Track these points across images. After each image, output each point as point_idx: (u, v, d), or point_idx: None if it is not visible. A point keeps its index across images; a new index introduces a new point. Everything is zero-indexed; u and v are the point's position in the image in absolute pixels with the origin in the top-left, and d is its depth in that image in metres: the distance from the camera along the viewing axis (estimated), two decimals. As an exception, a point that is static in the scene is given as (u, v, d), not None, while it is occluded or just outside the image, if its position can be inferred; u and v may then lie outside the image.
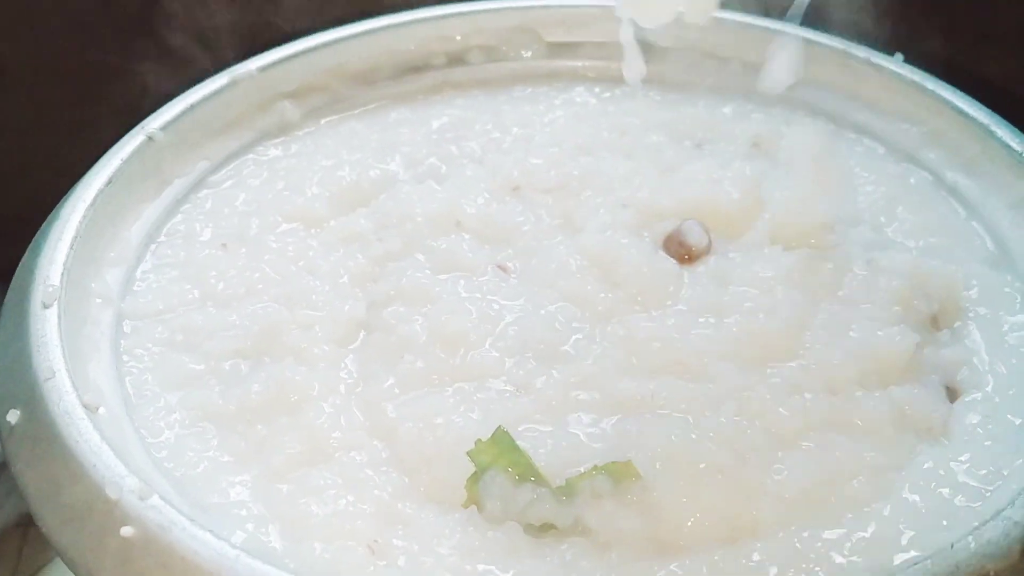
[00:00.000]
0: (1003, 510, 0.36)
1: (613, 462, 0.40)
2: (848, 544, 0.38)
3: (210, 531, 0.34)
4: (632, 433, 0.42)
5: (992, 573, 0.34)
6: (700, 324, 0.46)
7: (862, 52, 0.61)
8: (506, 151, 0.59)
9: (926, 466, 0.41)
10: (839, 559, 0.37)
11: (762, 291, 0.48)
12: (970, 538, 0.35)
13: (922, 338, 0.46)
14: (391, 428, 0.42)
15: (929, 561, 0.34)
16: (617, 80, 0.61)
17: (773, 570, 0.37)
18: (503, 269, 0.50)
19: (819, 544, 0.38)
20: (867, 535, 0.38)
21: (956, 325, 0.48)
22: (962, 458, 0.41)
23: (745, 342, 0.45)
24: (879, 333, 0.46)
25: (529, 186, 0.55)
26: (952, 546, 0.34)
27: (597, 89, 0.65)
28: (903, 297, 0.48)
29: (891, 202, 0.55)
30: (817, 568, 0.37)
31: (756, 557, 0.37)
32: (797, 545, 0.38)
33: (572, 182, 0.55)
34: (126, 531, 0.34)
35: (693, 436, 0.41)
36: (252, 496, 0.40)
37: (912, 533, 0.38)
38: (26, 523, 0.90)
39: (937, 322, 0.48)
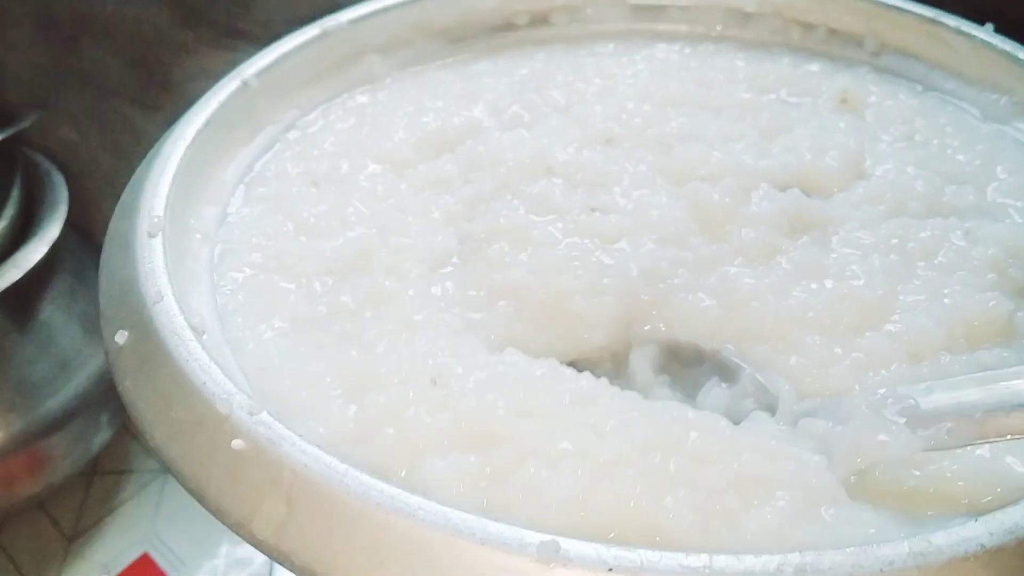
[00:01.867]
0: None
1: None
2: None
3: (319, 446, 0.35)
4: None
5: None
6: (800, 286, 0.47)
7: (952, 21, 0.60)
8: (590, 101, 0.59)
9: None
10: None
11: (863, 255, 0.48)
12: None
13: (1016, 305, 0.46)
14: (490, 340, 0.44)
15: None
16: (699, 39, 0.61)
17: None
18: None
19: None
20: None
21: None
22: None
23: (840, 307, 0.45)
24: (973, 297, 0.45)
25: (623, 138, 0.55)
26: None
27: (678, 46, 0.65)
28: (999, 265, 0.47)
29: (989, 161, 0.54)
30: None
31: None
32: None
33: (667, 138, 0.55)
34: (237, 444, 0.35)
35: None
36: (347, 404, 0.40)
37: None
38: (90, 473, 0.92)
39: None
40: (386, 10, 0.62)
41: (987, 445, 0.38)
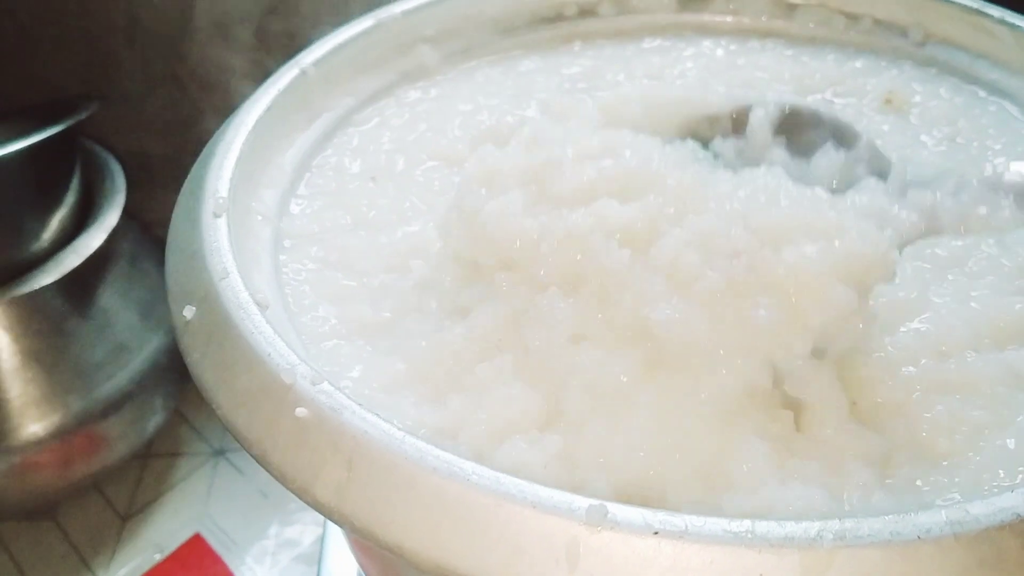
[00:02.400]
0: None
1: None
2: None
3: (378, 414, 0.37)
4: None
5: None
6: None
7: (996, 11, 0.61)
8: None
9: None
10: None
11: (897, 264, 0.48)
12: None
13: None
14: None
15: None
16: (746, 34, 0.62)
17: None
18: None
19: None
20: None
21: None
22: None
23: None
24: (1000, 301, 0.46)
25: None
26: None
27: (724, 42, 0.66)
28: None
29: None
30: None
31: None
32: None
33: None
34: (300, 412, 0.37)
35: None
36: (415, 402, 0.42)
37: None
38: (144, 455, 0.95)
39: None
40: (438, 1, 0.64)
41: (1014, 436, 0.39)
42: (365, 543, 0.39)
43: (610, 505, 0.33)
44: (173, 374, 0.89)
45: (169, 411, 0.92)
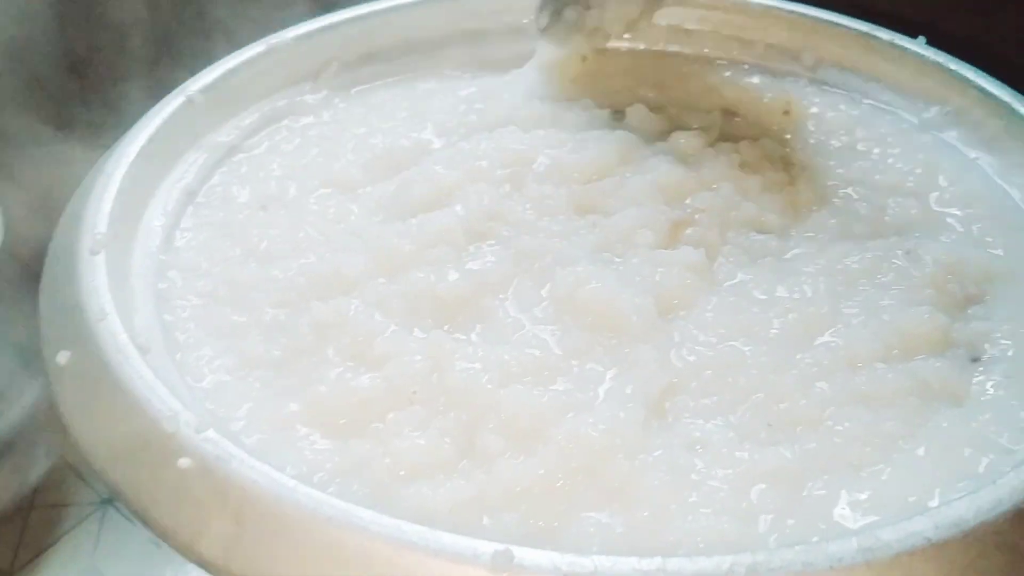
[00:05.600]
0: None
1: None
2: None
3: (268, 463, 0.35)
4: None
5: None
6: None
7: (885, 34, 0.62)
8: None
9: (944, 426, 0.41)
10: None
11: (813, 275, 0.49)
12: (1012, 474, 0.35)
13: (952, 316, 0.47)
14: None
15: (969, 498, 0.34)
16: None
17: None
18: None
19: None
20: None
21: (987, 299, 0.48)
22: (984, 418, 0.41)
23: (783, 328, 0.46)
24: (908, 312, 0.46)
25: None
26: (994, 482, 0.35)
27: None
28: (937, 281, 0.48)
29: (930, 170, 0.56)
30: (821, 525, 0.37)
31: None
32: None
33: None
34: (183, 462, 0.35)
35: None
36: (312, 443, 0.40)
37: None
38: (27, 508, 0.89)
39: (971, 299, 0.49)
40: (332, 27, 0.62)
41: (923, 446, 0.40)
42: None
43: (516, 549, 0.32)
44: (57, 422, 0.84)
45: (52, 460, 0.87)
